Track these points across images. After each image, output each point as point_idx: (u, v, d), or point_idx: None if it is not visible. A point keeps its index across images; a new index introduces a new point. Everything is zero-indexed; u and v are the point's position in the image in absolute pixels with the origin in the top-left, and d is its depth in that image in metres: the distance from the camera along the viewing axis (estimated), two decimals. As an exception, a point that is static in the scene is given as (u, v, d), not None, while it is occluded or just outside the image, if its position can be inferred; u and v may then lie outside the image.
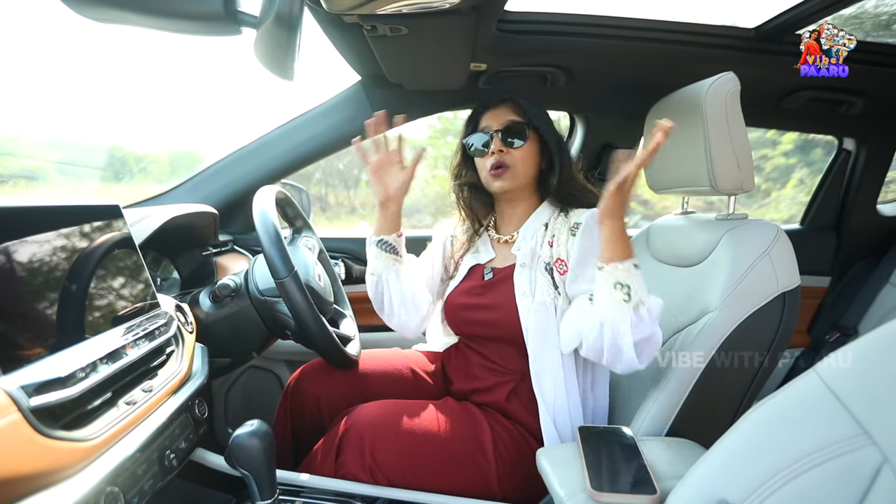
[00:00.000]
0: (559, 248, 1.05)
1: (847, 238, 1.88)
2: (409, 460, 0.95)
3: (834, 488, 0.50)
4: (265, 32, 0.63)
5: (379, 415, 0.99)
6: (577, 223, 1.05)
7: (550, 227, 1.10)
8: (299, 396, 1.13)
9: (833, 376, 0.55)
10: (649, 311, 0.86)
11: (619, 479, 0.77)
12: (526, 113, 1.10)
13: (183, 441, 0.82)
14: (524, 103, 1.11)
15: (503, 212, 1.18)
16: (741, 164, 1.04)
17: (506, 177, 1.08)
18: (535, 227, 1.11)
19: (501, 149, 1.08)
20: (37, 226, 0.68)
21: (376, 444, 0.95)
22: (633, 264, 0.86)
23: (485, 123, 1.12)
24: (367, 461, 0.93)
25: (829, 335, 1.86)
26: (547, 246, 1.07)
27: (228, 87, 3.13)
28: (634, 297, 0.85)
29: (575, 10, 1.25)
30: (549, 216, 1.12)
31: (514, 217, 1.16)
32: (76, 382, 0.62)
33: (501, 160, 1.08)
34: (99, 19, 0.60)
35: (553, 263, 1.05)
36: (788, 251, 0.99)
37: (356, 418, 0.98)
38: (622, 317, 0.85)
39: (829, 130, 1.82)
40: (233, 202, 1.50)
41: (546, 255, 1.06)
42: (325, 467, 0.96)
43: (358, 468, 0.93)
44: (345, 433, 0.96)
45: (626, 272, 0.86)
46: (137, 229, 1.01)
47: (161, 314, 0.87)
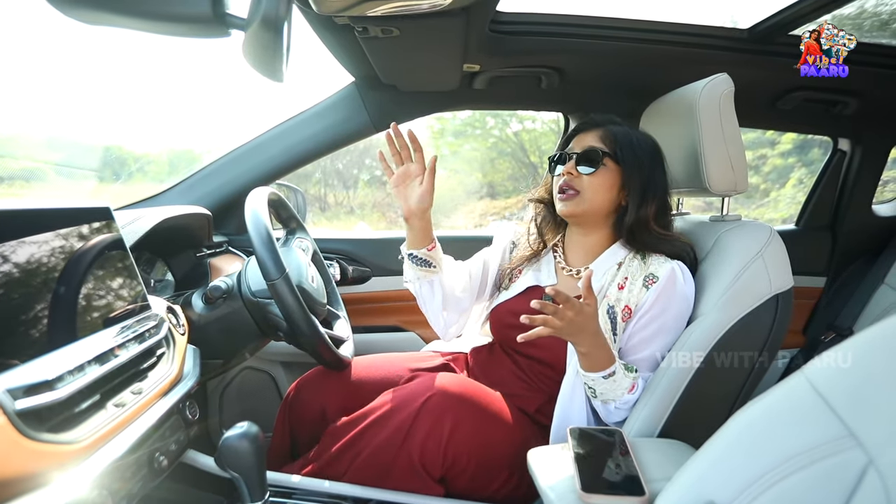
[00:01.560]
0: (630, 295, 1.01)
1: (843, 238, 1.87)
2: (480, 444, 0.95)
3: (820, 490, 0.50)
4: (253, 34, 0.62)
5: (462, 391, 0.97)
6: (652, 275, 1.00)
7: (624, 268, 1.04)
8: (299, 406, 1.12)
9: (820, 378, 0.55)
10: (619, 405, 0.97)
11: (609, 480, 0.77)
12: (613, 142, 1.04)
13: (174, 443, 0.82)
14: (617, 133, 1.05)
15: (572, 238, 1.14)
16: (735, 165, 1.04)
17: (572, 201, 1.04)
18: (607, 266, 1.06)
19: (571, 171, 1.04)
20: (26, 228, 0.68)
21: (457, 428, 0.93)
22: (602, 376, 0.93)
23: (571, 145, 1.09)
24: (444, 436, 0.92)
25: (824, 335, 1.85)
26: (616, 289, 1.02)
27: (227, 87, 3.13)
28: (601, 397, 0.96)
29: (568, 11, 1.25)
30: (623, 256, 1.06)
31: (583, 247, 1.12)
32: (64, 385, 0.62)
33: (570, 183, 1.04)
34: (86, 21, 0.60)
35: (621, 309, 1.01)
36: (782, 253, 0.99)
37: (439, 389, 0.95)
38: (592, 402, 0.99)
39: (823, 131, 1.82)
40: (227, 203, 1.50)
41: (613, 298, 1.02)
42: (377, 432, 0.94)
43: (433, 441, 0.92)
44: (425, 403, 0.93)
45: (592, 381, 0.95)
46: (129, 231, 1.01)
47: (152, 316, 0.87)
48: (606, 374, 0.93)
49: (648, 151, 1.06)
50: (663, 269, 0.99)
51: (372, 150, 4.89)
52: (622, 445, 0.85)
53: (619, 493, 0.74)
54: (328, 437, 1.02)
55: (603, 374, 0.93)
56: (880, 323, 0.53)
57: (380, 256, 1.65)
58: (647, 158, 1.04)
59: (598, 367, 0.93)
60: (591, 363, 0.93)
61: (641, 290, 1.00)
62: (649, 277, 1.00)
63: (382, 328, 1.67)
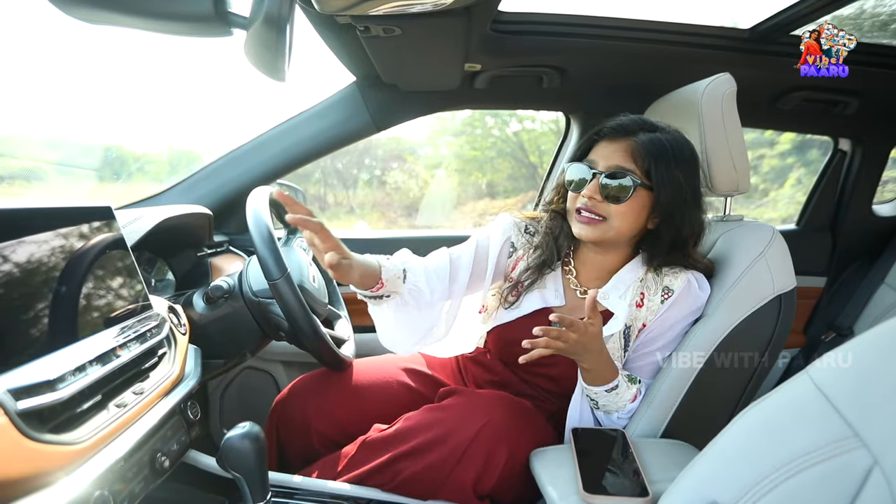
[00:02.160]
0: (648, 312, 0.96)
1: (843, 238, 1.88)
2: (519, 478, 0.91)
3: (825, 491, 0.50)
4: (255, 33, 0.62)
5: (515, 417, 0.93)
6: (668, 288, 0.96)
7: (642, 285, 0.98)
8: (288, 415, 1.11)
9: (824, 378, 0.55)
10: (621, 415, 0.96)
11: (612, 481, 0.77)
12: (645, 160, 0.91)
13: (175, 443, 0.82)
14: (650, 148, 0.90)
15: (586, 256, 1.04)
16: (737, 165, 1.04)
17: (596, 228, 0.94)
18: (626, 287, 0.98)
19: (595, 196, 0.92)
20: (27, 227, 0.68)
21: (512, 455, 0.89)
22: (605, 390, 0.93)
23: (593, 155, 0.96)
24: (500, 465, 0.88)
25: (825, 335, 1.86)
26: (635, 308, 0.97)
27: (228, 86, 3.13)
28: (603, 409, 0.96)
29: (569, 11, 1.25)
30: (641, 273, 0.99)
31: (597, 265, 1.02)
32: (65, 385, 0.61)
33: (594, 209, 0.93)
34: (88, 20, 0.60)
35: (637, 326, 0.97)
36: (784, 253, 0.99)
37: (493, 415, 0.89)
38: (594, 411, 0.99)
39: (824, 131, 1.83)
40: (228, 203, 1.50)
41: (630, 318, 0.97)
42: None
43: (490, 469, 0.89)
44: (481, 430, 0.88)
45: (595, 394, 0.94)
46: (130, 230, 1.01)
47: (153, 316, 0.87)
48: (609, 388, 0.93)
49: (683, 162, 0.93)
50: (678, 282, 0.96)
51: (372, 150, 4.89)
52: (625, 446, 0.85)
53: (623, 494, 0.74)
54: (365, 448, 0.97)
55: (606, 388, 0.93)
56: (885, 323, 0.53)
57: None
58: (682, 173, 0.92)
59: (602, 381, 0.93)
60: (594, 378, 0.93)
61: (658, 306, 0.97)
62: (665, 291, 0.96)
63: None
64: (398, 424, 0.96)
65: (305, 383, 1.14)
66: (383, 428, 0.98)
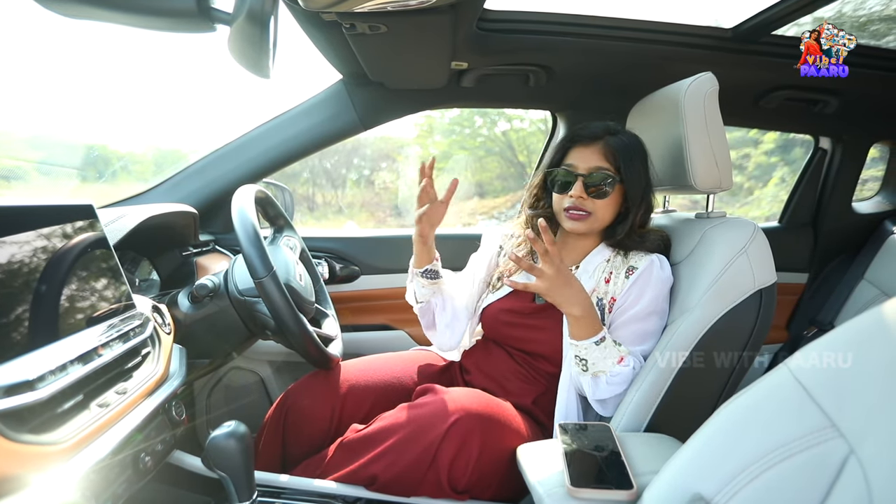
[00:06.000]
0: (615, 287, 1.06)
1: (824, 235, 1.91)
2: (504, 459, 0.95)
3: (803, 480, 0.51)
4: (238, 30, 0.62)
5: (486, 411, 0.95)
6: (632, 267, 1.06)
7: (609, 264, 1.09)
8: (294, 413, 1.10)
9: (802, 370, 0.56)
10: (609, 380, 0.98)
11: (598, 474, 0.77)
12: (616, 158, 1.04)
13: (159, 444, 0.81)
14: (618, 147, 1.04)
15: (567, 242, 1.16)
16: (719, 162, 1.06)
17: (584, 222, 1.06)
18: (597, 263, 1.10)
19: (582, 195, 1.04)
20: (7, 226, 0.67)
21: (484, 448, 0.92)
22: (594, 342, 0.97)
23: (571, 160, 1.07)
24: (473, 457, 0.91)
25: (807, 330, 1.89)
26: (604, 283, 1.07)
27: (214, 85, 3.09)
28: (591, 369, 0.98)
29: (555, 10, 1.26)
30: (609, 254, 1.11)
31: (576, 249, 1.15)
32: (45, 385, 0.61)
33: (581, 206, 1.05)
34: (69, 15, 0.59)
35: (608, 301, 1.06)
36: (765, 248, 1.01)
37: (464, 410, 0.93)
38: (582, 380, 1.01)
39: (805, 129, 1.86)
40: (214, 201, 1.48)
41: (601, 291, 1.07)
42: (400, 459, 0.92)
43: (461, 462, 0.91)
44: (453, 425, 0.91)
45: (584, 349, 0.98)
46: (113, 229, 1.00)
47: (136, 315, 0.86)
48: (598, 339, 0.97)
49: (641, 157, 1.07)
50: (643, 262, 1.06)
51: (360, 150, 4.87)
52: (610, 440, 0.86)
53: (608, 486, 0.74)
54: (343, 449, 0.99)
55: (595, 340, 0.97)
56: (861, 316, 0.55)
57: (368, 255, 1.64)
58: (641, 166, 1.06)
59: (590, 332, 0.97)
60: (583, 328, 0.97)
61: (624, 281, 1.05)
62: (630, 269, 1.06)
63: (371, 327, 1.67)
64: (374, 425, 0.98)
65: (309, 380, 1.15)
66: (360, 428, 1.00)
